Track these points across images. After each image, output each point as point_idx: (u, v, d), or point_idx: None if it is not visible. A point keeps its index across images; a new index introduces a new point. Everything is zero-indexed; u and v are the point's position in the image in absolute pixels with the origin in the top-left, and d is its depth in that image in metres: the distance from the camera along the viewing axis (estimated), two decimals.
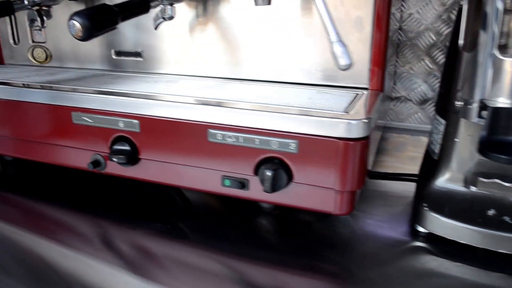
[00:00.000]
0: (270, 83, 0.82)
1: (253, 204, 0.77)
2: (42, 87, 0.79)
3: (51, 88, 0.78)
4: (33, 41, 1.02)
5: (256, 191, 0.68)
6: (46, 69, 0.99)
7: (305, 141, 0.62)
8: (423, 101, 1.14)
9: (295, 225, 0.74)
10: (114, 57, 0.94)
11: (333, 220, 0.75)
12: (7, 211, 0.80)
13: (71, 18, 0.63)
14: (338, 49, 0.61)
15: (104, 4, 0.67)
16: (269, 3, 0.68)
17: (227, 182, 0.69)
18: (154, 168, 0.74)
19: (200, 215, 0.77)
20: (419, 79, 1.12)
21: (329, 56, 0.65)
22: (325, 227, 0.73)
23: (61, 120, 0.77)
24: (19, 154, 0.86)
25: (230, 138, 0.66)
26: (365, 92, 0.75)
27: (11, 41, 1.04)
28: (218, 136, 0.66)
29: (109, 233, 0.72)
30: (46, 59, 1.01)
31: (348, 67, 0.61)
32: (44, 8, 0.88)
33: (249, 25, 0.81)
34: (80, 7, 0.94)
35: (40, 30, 1.00)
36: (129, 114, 0.71)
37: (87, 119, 0.74)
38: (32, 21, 0.89)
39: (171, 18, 0.80)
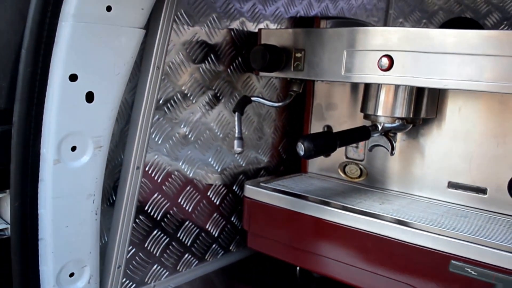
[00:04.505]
0: None
1: None
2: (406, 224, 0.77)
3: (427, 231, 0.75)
4: (346, 157, 1.03)
5: None
6: (374, 191, 0.98)
7: None
8: None
9: None
10: (447, 188, 0.90)
11: None
12: None
13: None
14: None
15: None
16: None
17: None
18: None
19: None
20: None
21: None
22: None
23: (432, 264, 0.73)
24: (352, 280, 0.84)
25: None
26: None
27: None
28: None
29: None
30: (359, 176, 1.01)
31: None
32: (391, 134, 0.89)
33: None
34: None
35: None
36: None
37: (471, 271, 0.69)
38: (374, 145, 0.90)
39: None
